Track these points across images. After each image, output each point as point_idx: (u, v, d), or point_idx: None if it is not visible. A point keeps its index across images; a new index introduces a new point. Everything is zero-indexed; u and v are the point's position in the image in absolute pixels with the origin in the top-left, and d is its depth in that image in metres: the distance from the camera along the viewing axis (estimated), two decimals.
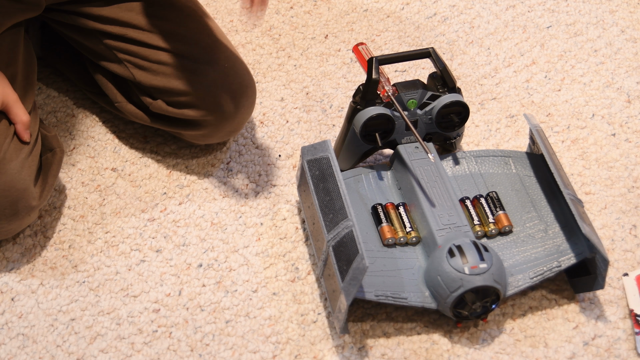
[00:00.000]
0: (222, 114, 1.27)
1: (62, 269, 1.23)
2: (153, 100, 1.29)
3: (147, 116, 1.32)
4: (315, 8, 1.60)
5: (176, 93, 1.26)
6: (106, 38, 1.28)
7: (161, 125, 1.32)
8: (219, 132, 1.29)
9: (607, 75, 1.49)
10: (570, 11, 1.60)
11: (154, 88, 1.27)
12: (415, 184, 1.21)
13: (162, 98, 1.28)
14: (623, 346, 1.15)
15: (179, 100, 1.26)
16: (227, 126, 1.29)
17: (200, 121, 1.27)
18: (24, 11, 1.23)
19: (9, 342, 1.16)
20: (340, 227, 1.12)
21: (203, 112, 1.26)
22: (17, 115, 1.17)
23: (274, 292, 1.21)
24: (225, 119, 1.27)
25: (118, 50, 1.28)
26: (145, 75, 1.27)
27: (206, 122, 1.27)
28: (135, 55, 1.27)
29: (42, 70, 1.47)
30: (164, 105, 1.28)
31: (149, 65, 1.27)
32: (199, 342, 1.16)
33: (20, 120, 1.17)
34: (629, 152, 1.37)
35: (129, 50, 1.28)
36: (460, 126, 1.28)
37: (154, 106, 1.29)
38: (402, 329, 1.16)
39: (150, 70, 1.27)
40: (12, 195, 1.14)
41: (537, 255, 1.18)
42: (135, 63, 1.28)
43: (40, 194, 1.20)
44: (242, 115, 1.29)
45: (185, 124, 1.29)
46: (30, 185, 1.17)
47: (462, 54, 1.53)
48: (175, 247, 1.25)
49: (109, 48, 1.29)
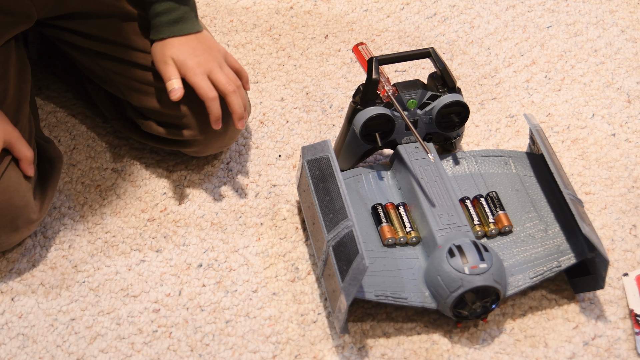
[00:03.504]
0: (212, 133, 1.26)
1: (62, 269, 1.23)
2: (145, 120, 1.29)
3: (139, 134, 1.32)
4: (315, 8, 1.60)
5: (164, 114, 1.26)
6: (98, 57, 1.28)
7: (153, 143, 1.32)
8: (210, 148, 1.29)
9: (607, 75, 1.49)
10: (570, 11, 1.61)
11: (146, 108, 1.27)
12: (415, 184, 1.21)
13: (153, 118, 1.28)
14: (623, 346, 1.15)
15: (170, 121, 1.26)
16: (217, 143, 1.28)
17: (191, 140, 1.27)
18: (16, 24, 1.22)
19: (9, 342, 1.16)
20: (340, 227, 1.12)
21: (193, 132, 1.26)
22: (20, 151, 1.16)
23: (274, 292, 1.21)
24: (216, 137, 1.27)
25: (110, 70, 1.28)
26: (136, 96, 1.27)
27: (197, 141, 1.27)
28: (126, 76, 1.27)
29: (42, 71, 1.47)
30: (154, 126, 1.28)
31: (139, 87, 1.27)
32: (199, 342, 1.16)
33: (24, 156, 1.16)
34: (629, 152, 1.37)
35: (120, 70, 1.27)
36: (460, 126, 1.28)
37: (145, 126, 1.29)
38: (402, 329, 1.16)
39: (141, 91, 1.27)
40: (12, 213, 1.14)
41: (537, 255, 1.18)
42: (126, 84, 1.27)
43: (40, 207, 1.20)
44: (232, 132, 1.28)
45: (176, 143, 1.30)
46: (30, 201, 1.17)
47: (462, 54, 1.53)
48: (175, 247, 1.26)
49: (101, 67, 1.29)
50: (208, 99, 1.20)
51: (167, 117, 1.26)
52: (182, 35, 1.22)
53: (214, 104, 1.20)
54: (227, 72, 1.23)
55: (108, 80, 1.29)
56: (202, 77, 1.20)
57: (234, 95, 1.21)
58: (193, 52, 1.21)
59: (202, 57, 1.21)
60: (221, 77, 1.21)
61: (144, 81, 1.26)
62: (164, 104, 1.25)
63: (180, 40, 1.22)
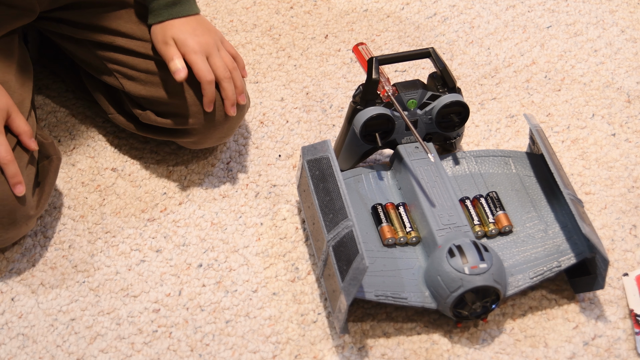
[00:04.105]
0: (210, 122, 1.26)
1: (62, 269, 1.23)
2: (142, 112, 1.29)
3: (138, 127, 1.32)
4: (315, 8, 1.60)
5: (164, 103, 1.26)
6: (96, 48, 1.28)
7: (152, 135, 1.32)
8: (209, 138, 1.29)
9: (607, 75, 1.49)
10: (570, 11, 1.61)
11: (143, 98, 1.27)
12: (415, 184, 1.21)
13: (151, 109, 1.28)
14: (623, 346, 1.15)
15: (168, 110, 1.26)
16: (216, 133, 1.28)
17: (190, 130, 1.27)
18: (18, 17, 1.23)
19: (9, 342, 1.16)
20: (340, 227, 1.12)
21: (192, 121, 1.26)
22: (19, 125, 1.16)
23: (274, 292, 1.21)
24: (214, 126, 1.27)
25: (108, 60, 1.28)
26: (133, 85, 1.27)
27: (196, 130, 1.27)
28: (124, 64, 1.27)
29: (42, 71, 1.47)
30: (152, 116, 1.28)
31: (137, 75, 1.27)
32: (199, 342, 1.16)
33: (23, 130, 1.16)
34: (629, 152, 1.37)
35: (117, 59, 1.28)
36: (460, 126, 1.28)
37: (143, 117, 1.29)
38: (402, 329, 1.16)
39: (139, 80, 1.27)
40: (10, 205, 1.14)
41: (537, 255, 1.18)
42: (123, 73, 1.28)
43: (37, 203, 1.20)
44: (231, 121, 1.28)
45: (175, 133, 1.29)
46: (29, 194, 1.17)
47: (462, 54, 1.53)
48: (175, 247, 1.26)
49: (98, 57, 1.29)
50: (205, 81, 1.21)
51: (165, 107, 1.26)
52: (181, 17, 1.23)
53: (210, 87, 1.21)
54: (224, 55, 1.24)
55: (105, 70, 1.29)
56: (202, 59, 1.21)
57: (228, 81, 1.22)
58: (193, 32, 1.22)
59: (203, 37, 1.22)
60: (218, 61, 1.22)
61: (141, 69, 1.26)
62: (163, 92, 1.25)
63: (180, 21, 1.23)
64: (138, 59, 1.27)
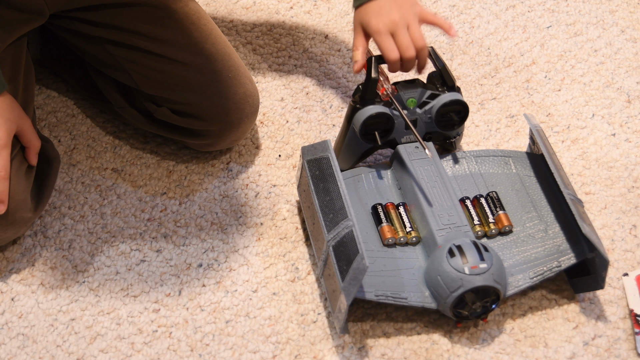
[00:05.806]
0: (225, 124, 1.26)
1: (62, 269, 1.23)
2: (158, 107, 1.28)
3: (151, 122, 1.31)
4: (315, 8, 1.60)
5: (179, 103, 1.26)
6: (110, 45, 1.27)
7: (164, 133, 1.31)
8: (223, 141, 1.29)
9: (607, 75, 1.49)
10: (570, 11, 1.60)
11: (158, 97, 1.27)
12: (415, 184, 1.21)
13: (167, 105, 1.27)
14: (623, 346, 1.15)
15: (183, 109, 1.26)
16: (230, 135, 1.29)
17: (204, 131, 1.27)
18: (29, 21, 1.21)
19: (9, 342, 1.16)
20: (340, 227, 1.12)
21: (207, 123, 1.26)
22: (29, 140, 1.17)
23: (274, 292, 1.21)
24: (229, 129, 1.27)
25: (121, 57, 1.27)
26: (148, 84, 1.26)
27: (210, 132, 1.27)
28: (138, 63, 1.26)
29: (42, 71, 1.47)
30: (168, 113, 1.27)
31: (151, 74, 1.26)
32: (199, 342, 1.16)
33: (32, 145, 1.17)
34: (629, 152, 1.37)
35: (132, 58, 1.26)
36: (459, 125, 1.28)
37: (158, 113, 1.28)
38: (402, 329, 1.16)
39: (153, 79, 1.26)
40: (11, 206, 1.14)
41: (537, 255, 1.18)
42: (138, 71, 1.26)
43: (36, 205, 1.20)
44: (245, 124, 1.28)
45: (188, 133, 1.29)
46: (28, 197, 1.17)
47: (462, 53, 1.53)
48: (175, 247, 1.25)
49: (112, 55, 1.27)
50: (389, 62, 1.21)
51: (180, 105, 1.26)
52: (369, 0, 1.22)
53: (394, 66, 1.21)
54: (412, 32, 1.21)
55: (118, 67, 1.28)
56: (385, 38, 1.20)
57: (409, 62, 1.21)
58: (379, 11, 1.21)
59: (387, 16, 1.20)
60: (403, 39, 1.20)
61: (157, 69, 1.25)
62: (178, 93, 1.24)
63: (370, 4, 1.22)
64: (153, 57, 1.25)
